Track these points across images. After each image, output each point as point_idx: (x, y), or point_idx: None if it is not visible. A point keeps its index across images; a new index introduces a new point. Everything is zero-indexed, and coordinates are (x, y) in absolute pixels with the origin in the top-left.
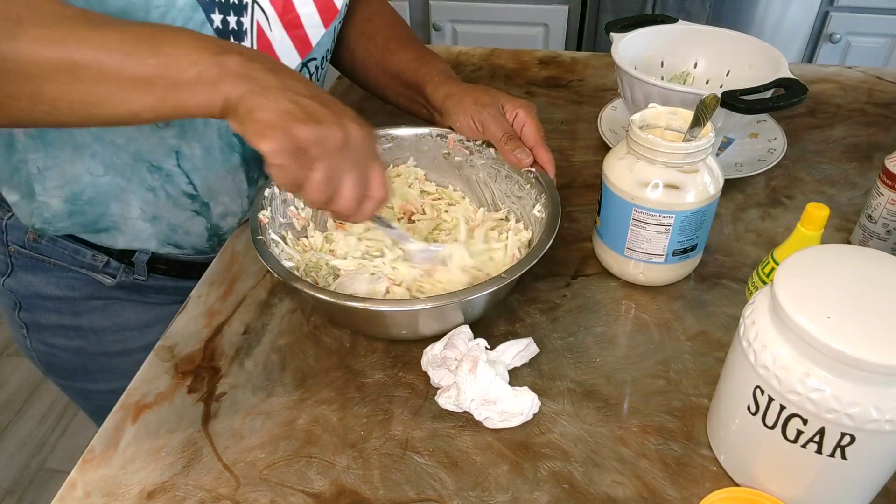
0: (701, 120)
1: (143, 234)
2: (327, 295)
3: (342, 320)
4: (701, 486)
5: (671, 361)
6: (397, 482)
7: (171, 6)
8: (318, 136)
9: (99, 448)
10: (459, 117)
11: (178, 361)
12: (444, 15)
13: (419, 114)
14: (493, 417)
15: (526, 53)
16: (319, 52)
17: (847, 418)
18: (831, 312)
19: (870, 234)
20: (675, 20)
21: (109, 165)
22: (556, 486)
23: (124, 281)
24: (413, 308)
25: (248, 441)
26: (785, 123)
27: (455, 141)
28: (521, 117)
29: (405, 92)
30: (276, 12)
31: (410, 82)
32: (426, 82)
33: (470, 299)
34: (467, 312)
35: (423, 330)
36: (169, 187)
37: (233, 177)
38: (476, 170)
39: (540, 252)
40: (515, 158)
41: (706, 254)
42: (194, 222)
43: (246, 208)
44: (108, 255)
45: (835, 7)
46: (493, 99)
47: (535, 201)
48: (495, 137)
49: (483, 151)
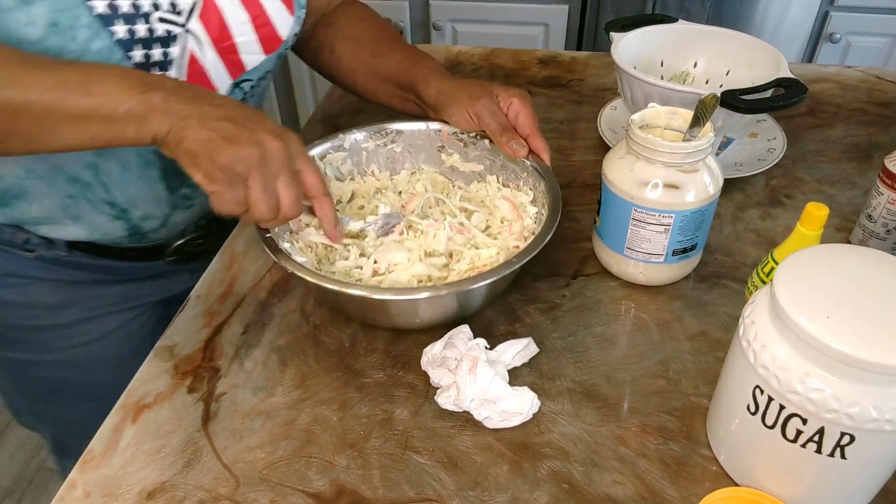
0: (701, 120)
1: (66, 229)
2: (332, 284)
3: (347, 310)
4: (701, 485)
5: (671, 361)
6: (397, 482)
7: (85, 51)
8: (237, 156)
9: (99, 448)
10: (454, 111)
11: (178, 361)
12: (444, 15)
13: (413, 112)
14: (492, 417)
15: (526, 53)
16: (256, 74)
17: (847, 418)
18: (831, 312)
19: (869, 233)
20: (675, 20)
21: (31, 171)
22: (555, 486)
23: (44, 254)
24: (413, 297)
25: (248, 441)
26: (785, 123)
27: (449, 134)
28: (516, 107)
29: (398, 93)
30: (210, 39)
31: (402, 83)
32: (418, 80)
33: (472, 288)
34: (469, 302)
35: (424, 318)
36: (89, 195)
37: (152, 187)
38: (471, 164)
39: (543, 241)
40: (511, 150)
41: (706, 253)
42: (114, 225)
43: (168, 212)
44: (30, 234)
45: (835, 7)
46: (487, 91)
47: (532, 189)
48: (491, 129)
49: (478, 143)
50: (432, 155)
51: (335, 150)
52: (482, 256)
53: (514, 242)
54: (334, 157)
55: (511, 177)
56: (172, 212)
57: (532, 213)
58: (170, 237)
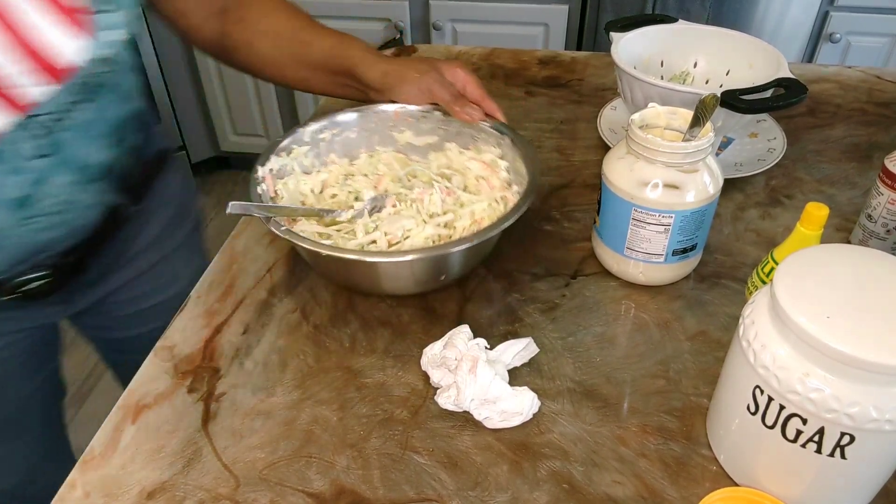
0: (701, 120)
1: None
2: (319, 247)
3: (336, 275)
4: (701, 485)
5: (671, 361)
6: (397, 482)
7: None
8: None
9: (98, 448)
10: (405, 88)
11: (178, 361)
12: (444, 15)
13: (351, 96)
14: (492, 417)
15: (526, 53)
16: (51, 107)
17: (847, 418)
18: (831, 312)
19: (869, 233)
20: (675, 20)
21: None
22: (555, 486)
23: None
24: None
25: (248, 441)
26: (785, 123)
27: (399, 112)
28: (461, 77)
29: (332, 79)
30: None
31: (336, 69)
32: (355, 64)
33: (453, 251)
34: (450, 266)
35: (452, 272)
36: None
37: None
38: (424, 137)
39: (525, 204)
40: (468, 116)
41: (706, 253)
42: None
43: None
44: None
45: (835, 7)
46: (433, 66)
47: (496, 146)
48: (444, 100)
49: (429, 116)
50: (385, 136)
51: (299, 145)
52: (477, 211)
53: (499, 193)
54: (299, 151)
55: (469, 140)
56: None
57: (504, 166)
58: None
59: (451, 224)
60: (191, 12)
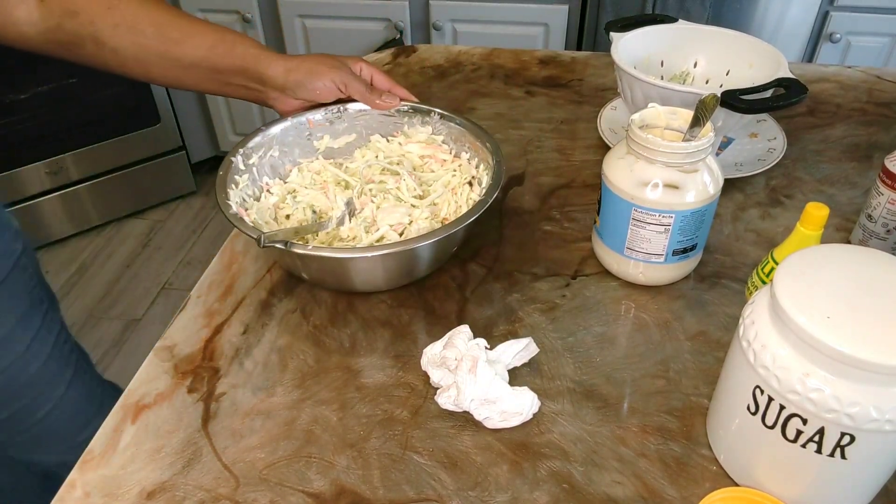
0: (701, 120)
1: None
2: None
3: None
4: (701, 485)
5: (671, 361)
6: (397, 482)
7: None
8: None
9: (98, 448)
10: (317, 83)
11: (178, 361)
12: (444, 15)
13: (238, 96)
14: (492, 417)
15: (526, 53)
16: None
17: (847, 418)
18: (831, 312)
19: (869, 233)
20: (675, 20)
21: None
22: (555, 486)
23: None
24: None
25: (248, 441)
26: (785, 123)
27: (312, 120)
28: (367, 70)
29: (215, 77)
30: None
31: (222, 68)
32: (252, 63)
33: (420, 246)
34: (420, 260)
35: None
36: None
37: None
38: (343, 137)
39: (494, 193)
40: (385, 104)
41: (706, 253)
42: None
43: None
44: None
45: (835, 7)
46: (342, 61)
47: (424, 124)
48: (360, 91)
49: (343, 113)
50: (305, 146)
51: (238, 175)
52: (450, 182)
53: (452, 166)
54: (241, 180)
55: (392, 129)
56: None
57: (439, 140)
58: None
59: (435, 201)
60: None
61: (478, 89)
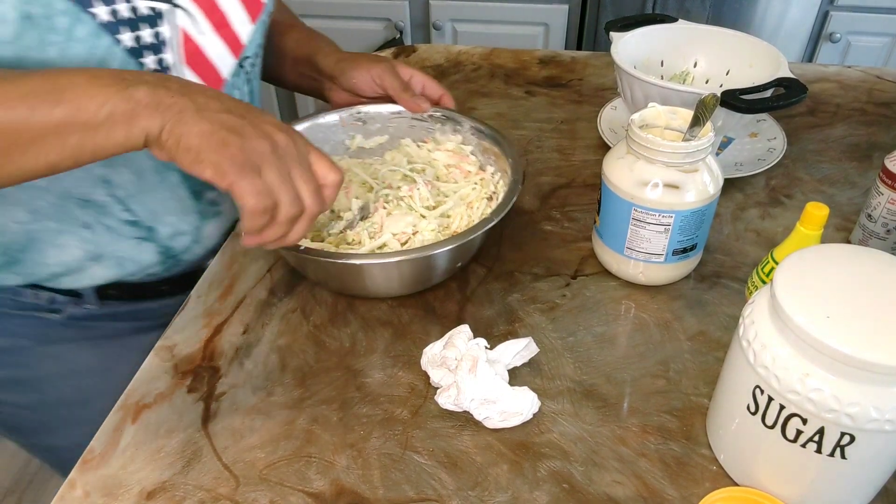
0: (701, 119)
1: (91, 274)
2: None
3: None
4: (701, 485)
5: (671, 361)
6: (397, 482)
7: (69, 39)
8: (246, 148)
9: (99, 448)
10: (357, 73)
11: (178, 361)
12: (444, 15)
13: (307, 87)
14: (492, 417)
15: (526, 53)
16: (251, 50)
17: (847, 418)
18: (831, 312)
19: (869, 233)
20: (675, 20)
21: (35, 210)
22: (555, 486)
23: (74, 313)
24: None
25: (248, 441)
26: (785, 123)
27: (345, 118)
28: (418, 78)
29: (294, 68)
30: (201, 11)
31: (300, 57)
32: (314, 52)
33: (438, 252)
34: (437, 266)
35: (399, 282)
36: (105, 220)
37: (174, 195)
38: (375, 138)
39: (511, 200)
40: (416, 105)
41: (706, 253)
42: (141, 248)
43: (197, 224)
44: (52, 291)
45: (835, 7)
46: (387, 59)
47: (455, 132)
48: (393, 88)
49: (375, 116)
50: (336, 144)
51: None
52: (468, 195)
53: (476, 177)
54: None
55: (423, 133)
56: (202, 222)
57: (468, 150)
58: (205, 256)
59: (447, 213)
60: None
61: (478, 89)
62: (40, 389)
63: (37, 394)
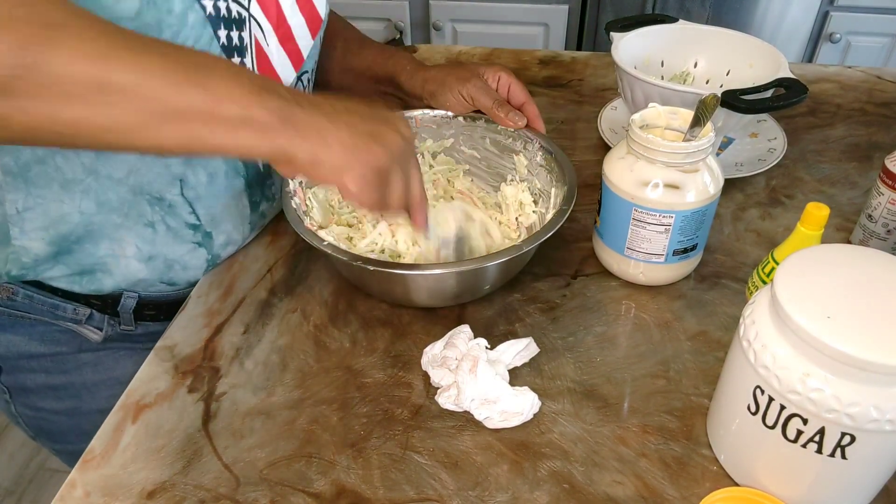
0: (701, 120)
1: (135, 276)
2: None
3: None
4: (701, 485)
5: (671, 361)
6: (397, 482)
7: (182, 24)
8: (389, 154)
9: (99, 448)
10: (447, 96)
11: (178, 361)
12: (444, 15)
13: (392, 103)
14: (493, 417)
15: (526, 53)
16: (310, 65)
17: (847, 418)
18: (831, 312)
19: (870, 233)
20: (675, 20)
21: (104, 202)
22: (556, 486)
23: (112, 334)
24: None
25: (248, 441)
26: (785, 123)
27: (419, 118)
28: (504, 80)
29: (374, 87)
30: (271, 26)
31: (380, 76)
32: (397, 73)
33: (489, 265)
34: (483, 279)
35: (447, 293)
36: (170, 220)
37: (237, 202)
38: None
39: (561, 219)
40: (511, 122)
41: (706, 253)
42: (195, 255)
43: (247, 234)
44: (90, 307)
45: (835, 7)
46: (473, 72)
47: (533, 154)
48: (486, 106)
49: (450, 122)
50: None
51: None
52: (508, 194)
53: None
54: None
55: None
56: (250, 234)
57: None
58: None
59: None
60: None
61: None
62: (78, 396)
63: (74, 400)
